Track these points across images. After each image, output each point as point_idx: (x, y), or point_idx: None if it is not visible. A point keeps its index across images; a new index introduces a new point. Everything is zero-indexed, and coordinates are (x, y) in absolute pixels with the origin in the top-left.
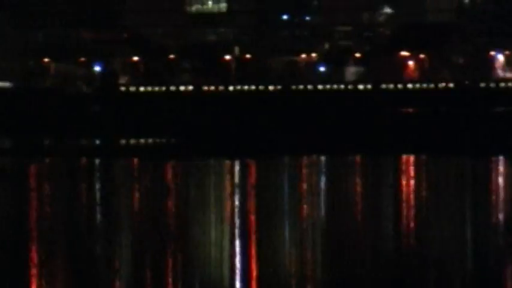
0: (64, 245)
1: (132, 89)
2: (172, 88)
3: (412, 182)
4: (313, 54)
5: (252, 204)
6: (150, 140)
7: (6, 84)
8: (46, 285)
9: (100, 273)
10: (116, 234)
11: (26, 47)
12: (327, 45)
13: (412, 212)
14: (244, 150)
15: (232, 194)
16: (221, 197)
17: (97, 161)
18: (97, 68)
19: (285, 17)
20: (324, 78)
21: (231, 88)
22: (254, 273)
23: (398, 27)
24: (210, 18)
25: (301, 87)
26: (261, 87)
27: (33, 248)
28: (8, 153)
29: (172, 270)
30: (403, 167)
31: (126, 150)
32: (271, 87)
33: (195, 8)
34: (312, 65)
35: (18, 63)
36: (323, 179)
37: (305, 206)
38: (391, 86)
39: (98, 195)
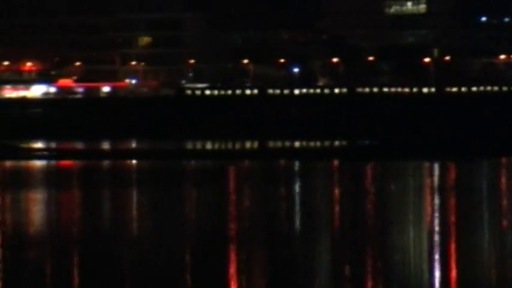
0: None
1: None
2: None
3: None
4: None
5: (451, 204)
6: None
7: (204, 85)
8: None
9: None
10: (313, 234)
11: (225, 49)
12: None
13: None
14: (444, 152)
15: (431, 195)
16: (421, 197)
17: (297, 162)
18: (296, 70)
19: (483, 18)
20: None
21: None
22: (453, 274)
23: None
24: (408, 20)
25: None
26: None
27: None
28: (210, 156)
29: (372, 267)
30: None
31: (326, 152)
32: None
33: (393, 9)
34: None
35: (217, 66)
36: None
37: (505, 207)
38: None
39: (298, 196)
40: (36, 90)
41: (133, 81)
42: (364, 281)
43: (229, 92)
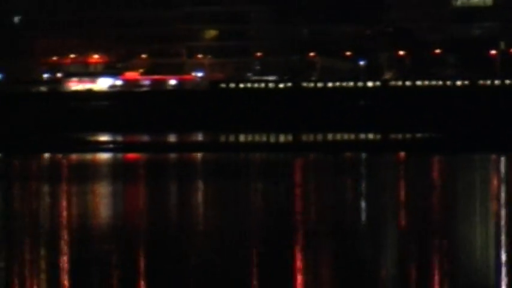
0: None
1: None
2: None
3: None
4: None
5: None
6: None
7: (272, 78)
8: None
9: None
10: (380, 227)
11: (292, 42)
12: None
13: None
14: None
15: (498, 188)
16: (487, 190)
17: (363, 155)
18: (362, 62)
19: None
20: None
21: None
22: None
23: None
24: (475, 12)
25: None
26: None
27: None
28: (275, 148)
29: (439, 265)
30: None
31: (393, 145)
32: None
33: (460, 1)
34: None
35: (283, 59)
36: None
37: None
38: None
39: (365, 189)
40: (103, 83)
41: (199, 74)
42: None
43: (290, 84)
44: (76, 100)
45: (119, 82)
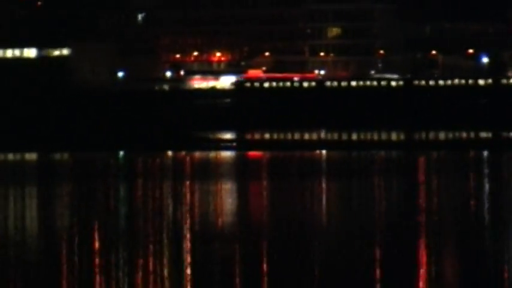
0: None
1: None
2: None
3: None
4: None
5: None
6: None
7: (394, 76)
8: None
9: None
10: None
11: (414, 39)
12: None
13: None
14: None
15: None
16: None
17: (485, 152)
18: (484, 60)
19: None
20: None
21: None
22: None
23: None
24: None
25: None
26: None
27: None
28: (396, 146)
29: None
30: None
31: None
32: None
33: None
34: None
35: (406, 56)
36: None
37: None
38: None
39: (487, 187)
40: (225, 81)
41: (322, 72)
42: None
43: (411, 82)
44: (198, 98)
45: (241, 80)
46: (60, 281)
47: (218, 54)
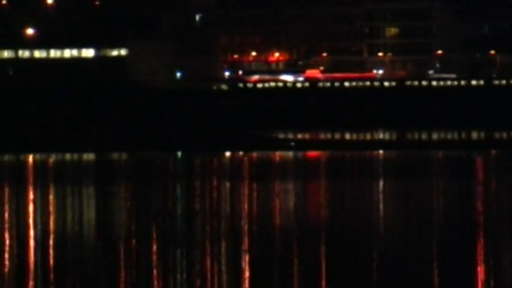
0: None
1: None
2: None
3: None
4: None
5: None
6: None
7: (451, 76)
8: None
9: None
10: None
11: (472, 39)
12: None
13: None
14: None
15: None
16: None
17: None
18: None
19: None
20: None
21: None
22: None
23: None
24: None
25: None
26: None
27: None
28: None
29: None
30: None
31: None
32: None
33: None
34: None
35: (464, 56)
36: None
37: None
38: None
39: None
40: (284, 81)
41: (380, 72)
42: None
43: (471, 82)
44: (257, 98)
45: (300, 79)
46: (126, 280)
47: (276, 54)
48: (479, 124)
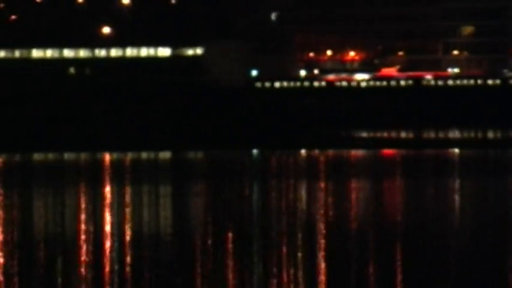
0: None
1: None
2: None
3: None
4: None
5: None
6: None
7: None
8: None
9: None
10: None
11: None
12: None
13: None
14: None
15: None
16: None
17: None
18: None
19: None
20: None
21: None
22: None
23: None
24: None
25: None
26: None
27: None
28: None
29: None
30: None
31: None
32: None
33: None
34: None
35: None
36: None
37: None
38: None
39: None
40: (359, 80)
41: (455, 71)
42: None
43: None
44: (332, 97)
45: (375, 78)
46: (207, 279)
47: (352, 53)
48: None
